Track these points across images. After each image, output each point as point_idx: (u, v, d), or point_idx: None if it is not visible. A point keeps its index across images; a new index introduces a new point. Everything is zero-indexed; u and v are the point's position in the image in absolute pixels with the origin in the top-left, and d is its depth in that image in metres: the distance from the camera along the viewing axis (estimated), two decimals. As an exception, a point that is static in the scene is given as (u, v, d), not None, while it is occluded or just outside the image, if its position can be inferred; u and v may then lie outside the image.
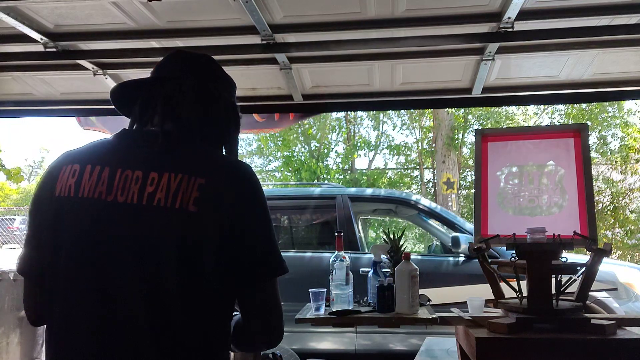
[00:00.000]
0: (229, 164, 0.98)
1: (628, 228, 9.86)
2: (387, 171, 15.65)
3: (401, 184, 15.06)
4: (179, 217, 0.89)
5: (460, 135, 12.97)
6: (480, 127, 11.82)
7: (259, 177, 1.10)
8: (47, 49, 2.20)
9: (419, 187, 15.14)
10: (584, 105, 12.54)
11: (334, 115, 14.10)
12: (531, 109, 14.03)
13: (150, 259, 0.89)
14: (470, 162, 13.41)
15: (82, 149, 1.03)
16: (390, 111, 13.70)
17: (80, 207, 0.93)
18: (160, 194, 0.90)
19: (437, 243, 4.79)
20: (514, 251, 1.87)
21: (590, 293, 1.97)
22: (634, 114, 12.68)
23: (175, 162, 0.94)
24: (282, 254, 1.01)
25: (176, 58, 1.12)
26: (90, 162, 0.96)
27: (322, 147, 14.13)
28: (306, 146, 14.03)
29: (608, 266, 3.70)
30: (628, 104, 12.50)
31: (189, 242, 0.89)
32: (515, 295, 1.93)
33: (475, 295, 2.10)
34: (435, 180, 13.08)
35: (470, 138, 13.05)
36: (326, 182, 11.61)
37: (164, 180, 0.91)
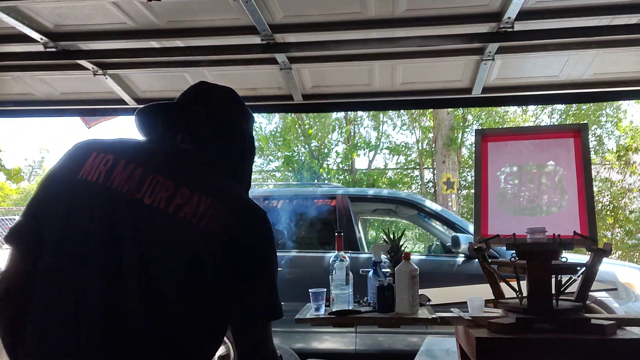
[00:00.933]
0: (253, 206, 1.04)
1: (628, 228, 9.86)
2: (387, 171, 15.64)
3: (401, 184, 15.05)
4: (201, 234, 0.94)
5: (460, 135, 12.97)
6: (480, 127, 11.82)
7: (259, 176, 1.15)
8: (47, 49, 2.20)
9: (419, 187, 15.14)
10: (583, 106, 12.56)
11: (334, 115, 14.10)
12: (530, 110, 14.03)
13: (161, 263, 0.93)
14: (470, 162, 13.41)
15: (114, 142, 1.05)
16: (390, 111, 13.69)
17: (106, 196, 0.96)
18: (188, 208, 0.95)
19: (437, 243, 4.79)
20: (514, 251, 1.87)
21: (590, 293, 1.97)
22: (626, 111, 12.70)
23: (207, 186, 0.99)
24: (283, 253, 1.03)
25: (198, 88, 1.17)
26: (124, 157, 0.99)
27: (322, 147, 14.13)
28: (306, 146, 14.03)
29: (608, 266, 3.70)
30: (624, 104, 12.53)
31: (201, 259, 0.93)
32: (515, 295, 1.93)
33: (475, 295, 2.10)
34: (435, 180, 13.07)
35: (470, 138, 13.06)
36: (326, 182, 11.61)
37: (194, 198, 0.96)
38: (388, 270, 2.24)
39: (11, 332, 0.99)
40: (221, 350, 3.60)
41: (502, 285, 2.05)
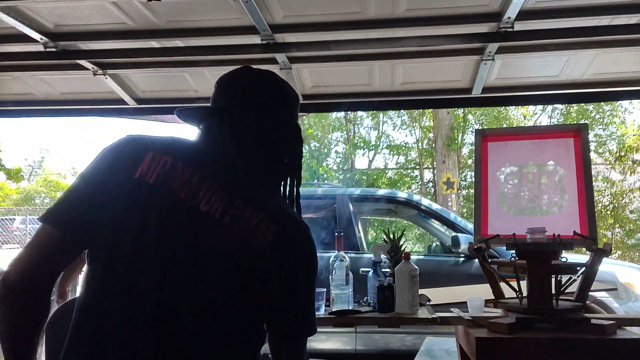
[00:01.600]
0: (299, 224, 1.06)
1: (628, 228, 9.87)
2: (387, 171, 15.65)
3: (401, 184, 15.06)
4: (251, 248, 0.96)
5: (460, 135, 12.97)
6: (480, 127, 11.82)
7: None
8: (47, 49, 2.20)
9: (419, 187, 15.14)
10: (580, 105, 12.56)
11: (334, 115, 14.11)
12: (530, 109, 14.04)
13: (212, 271, 0.94)
14: (470, 162, 13.41)
15: (169, 142, 1.03)
16: (390, 111, 13.70)
17: (163, 199, 0.95)
18: (242, 221, 0.97)
19: (437, 243, 4.79)
20: (514, 251, 1.87)
21: (590, 293, 1.98)
22: (631, 112, 12.72)
23: (257, 201, 1.00)
24: None
25: (237, 83, 1.11)
26: (181, 161, 0.99)
27: (322, 147, 14.13)
28: (306, 146, 14.04)
29: (608, 266, 3.69)
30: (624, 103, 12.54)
31: (248, 271, 0.96)
32: (515, 295, 1.93)
33: (475, 295, 2.10)
34: (435, 180, 13.07)
35: (470, 138, 13.06)
36: (326, 182, 11.61)
37: (247, 212, 0.97)
38: (388, 270, 2.24)
39: (28, 331, 0.94)
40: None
41: (502, 285, 2.05)
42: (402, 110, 13.45)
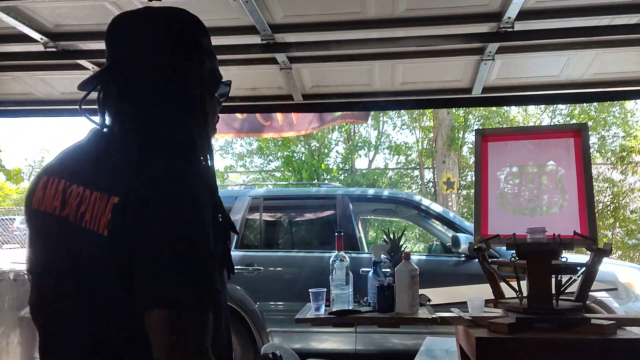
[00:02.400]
0: (152, 176, 0.81)
1: (628, 228, 9.87)
2: (387, 171, 15.65)
3: (401, 184, 15.06)
4: (95, 242, 0.79)
5: (461, 135, 12.97)
6: (480, 127, 11.82)
7: (258, 177, 0.96)
8: (47, 49, 2.20)
9: (419, 187, 15.13)
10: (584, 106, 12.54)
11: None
12: (531, 109, 14.03)
13: (83, 287, 0.82)
14: (471, 162, 13.41)
15: (61, 157, 0.96)
16: (390, 111, 13.69)
17: (41, 222, 0.90)
18: (88, 214, 0.81)
19: (437, 243, 4.79)
20: (514, 251, 1.87)
21: (590, 293, 1.97)
22: (634, 114, 12.72)
23: (103, 178, 0.83)
24: (282, 253, 0.86)
25: (108, 40, 1.00)
26: (53, 174, 0.91)
27: (322, 147, 14.13)
28: (306, 146, 14.03)
29: (608, 266, 3.70)
30: (629, 105, 12.52)
31: (103, 270, 0.80)
32: (515, 295, 1.93)
33: (475, 295, 2.10)
34: (435, 180, 13.07)
35: (470, 138, 13.05)
36: (326, 182, 11.61)
37: (92, 198, 0.82)
38: (388, 270, 2.24)
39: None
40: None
41: (502, 285, 2.05)
42: (402, 110, 13.44)
